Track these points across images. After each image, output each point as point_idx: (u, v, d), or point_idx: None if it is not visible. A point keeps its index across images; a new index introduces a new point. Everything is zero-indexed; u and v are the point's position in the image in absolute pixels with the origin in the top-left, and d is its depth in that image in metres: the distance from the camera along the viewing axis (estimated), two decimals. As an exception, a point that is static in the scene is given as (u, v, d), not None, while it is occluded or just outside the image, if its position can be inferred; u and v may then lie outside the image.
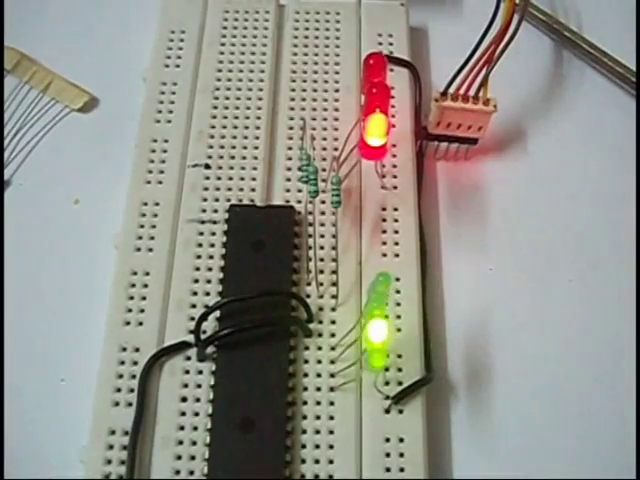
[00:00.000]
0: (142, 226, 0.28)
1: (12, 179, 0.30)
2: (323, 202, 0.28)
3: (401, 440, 0.24)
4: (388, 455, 0.24)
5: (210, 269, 0.27)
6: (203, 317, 0.25)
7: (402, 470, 0.24)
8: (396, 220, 0.28)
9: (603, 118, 0.33)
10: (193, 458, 0.24)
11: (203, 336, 0.25)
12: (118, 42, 0.34)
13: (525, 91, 0.33)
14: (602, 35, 0.34)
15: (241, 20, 0.32)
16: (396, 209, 0.28)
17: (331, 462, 0.24)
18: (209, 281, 0.27)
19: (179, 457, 0.24)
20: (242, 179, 0.29)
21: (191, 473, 0.24)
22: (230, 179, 0.29)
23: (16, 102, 0.32)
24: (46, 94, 0.32)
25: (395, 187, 0.29)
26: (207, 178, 0.29)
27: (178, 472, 0.24)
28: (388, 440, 0.24)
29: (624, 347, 0.28)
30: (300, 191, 0.28)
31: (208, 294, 0.26)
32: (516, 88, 0.33)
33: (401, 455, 0.24)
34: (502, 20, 0.28)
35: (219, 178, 0.29)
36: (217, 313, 0.26)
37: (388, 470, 0.24)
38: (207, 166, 0.29)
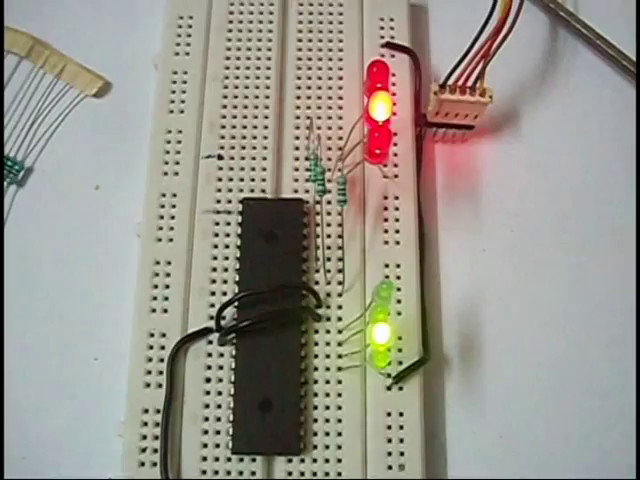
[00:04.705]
0: (162, 217, 0.30)
1: (34, 166, 0.32)
2: (329, 191, 0.30)
3: (401, 414, 0.27)
4: (389, 427, 0.27)
5: (227, 258, 0.29)
6: (223, 308, 0.27)
7: (402, 441, 0.27)
8: (397, 208, 0.30)
9: (597, 99, 0.34)
10: (218, 433, 0.27)
11: (222, 322, 0.28)
12: (128, 25, 0.34)
13: (520, 71, 0.34)
14: (598, 16, 0.35)
15: (247, 4, 0.33)
16: (397, 197, 0.30)
17: (339, 434, 0.27)
18: (226, 269, 0.29)
19: (206, 432, 0.27)
20: (253, 169, 0.30)
21: (217, 446, 0.27)
22: (242, 169, 0.30)
23: (32, 88, 0.33)
24: (60, 79, 0.33)
25: (396, 176, 0.31)
26: (220, 169, 0.30)
27: (205, 445, 0.27)
28: (389, 414, 0.27)
29: (615, 327, 0.30)
30: (308, 180, 0.30)
31: (226, 282, 0.29)
32: (511, 67, 0.34)
33: (401, 427, 0.27)
34: (500, 14, 0.29)
35: (231, 169, 0.30)
36: (235, 302, 0.28)
37: (389, 441, 0.27)
38: (220, 157, 0.31)
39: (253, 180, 0.30)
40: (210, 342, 0.28)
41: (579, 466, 0.28)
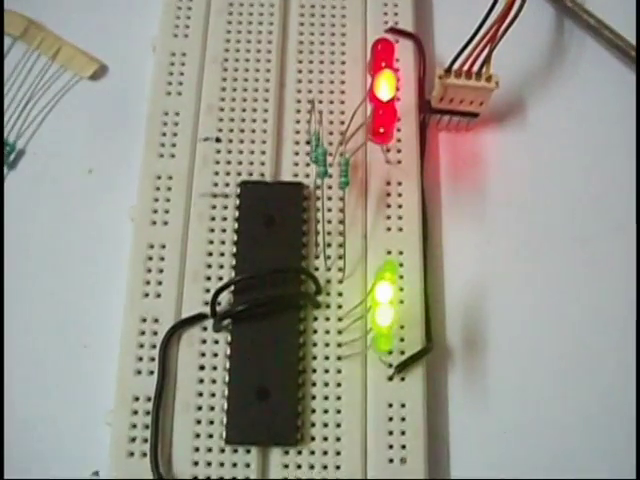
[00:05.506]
0: (157, 200, 0.29)
1: (26, 148, 0.31)
2: (330, 176, 0.29)
3: (403, 405, 0.26)
4: (391, 419, 0.26)
5: (223, 242, 0.28)
6: (218, 293, 0.26)
7: (403, 433, 0.26)
8: (400, 194, 0.29)
9: (602, 89, 0.33)
10: (212, 423, 0.26)
11: (218, 307, 0.27)
12: (125, 7, 0.34)
13: (526, 61, 0.34)
14: (604, 6, 0.34)
15: (248, -13, 0.33)
16: (400, 183, 0.29)
17: (338, 426, 0.26)
18: (222, 254, 0.28)
19: (199, 422, 0.26)
20: (252, 153, 0.30)
21: (210, 436, 0.26)
22: (240, 153, 0.30)
23: (26, 70, 0.32)
24: (55, 61, 0.32)
25: (399, 161, 0.30)
26: (218, 152, 0.30)
27: (198, 435, 0.26)
28: (391, 406, 0.26)
29: (618, 319, 0.29)
30: (308, 164, 0.30)
31: (222, 267, 0.28)
32: (517, 58, 0.33)
33: (403, 419, 0.26)
34: (506, -1, 0.29)
35: (229, 152, 0.30)
36: (231, 287, 0.27)
37: (391, 433, 0.26)
38: (218, 139, 0.30)
39: (252, 164, 0.29)
40: (205, 328, 0.27)
41: (582, 462, 0.27)
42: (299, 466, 0.26)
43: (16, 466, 0.27)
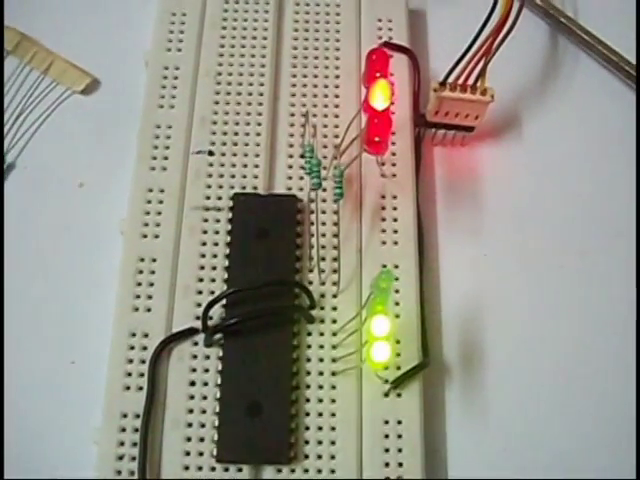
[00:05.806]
0: (148, 213, 0.28)
1: (16, 162, 0.31)
2: (325, 190, 0.28)
3: (399, 422, 0.26)
4: (387, 436, 0.25)
5: (215, 256, 0.28)
6: (209, 307, 0.26)
7: (400, 451, 0.25)
8: (395, 208, 0.29)
9: (597, 104, 0.33)
10: (202, 440, 0.25)
11: (209, 322, 0.26)
12: (118, 22, 0.34)
13: (520, 77, 0.34)
14: (598, 22, 0.34)
15: (242, 2, 0.32)
16: (395, 197, 0.29)
17: (333, 443, 0.25)
18: (214, 268, 0.27)
19: (189, 439, 0.25)
20: (245, 166, 0.29)
21: (200, 454, 0.25)
22: (233, 166, 0.29)
23: (17, 84, 0.32)
24: (47, 75, 0.32)
25: (394, 175, 0.30)
26: (211, 165, 0.29)
27: (188, 453, 0.25)
28: (387, 422, 0.26)
29: (617, 332, 0.29)
30: (302, 178, 0.29)
31: (214, 280, 0.27)
32: (511, 74, 0.33)
33: (399, 437, 0.25)
34: (501, 12, 0.29)
35: (222, 165, 0.29)
36: (223, 300, 0.26)
37: (387, 451, 0.25)
38: (210, 153, 0.29)
39: (245, 177, 0.29)
40: (195, 343, 0.26)
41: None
42: (292, 485, 0.25)
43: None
